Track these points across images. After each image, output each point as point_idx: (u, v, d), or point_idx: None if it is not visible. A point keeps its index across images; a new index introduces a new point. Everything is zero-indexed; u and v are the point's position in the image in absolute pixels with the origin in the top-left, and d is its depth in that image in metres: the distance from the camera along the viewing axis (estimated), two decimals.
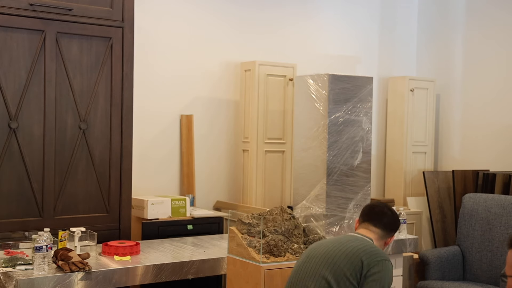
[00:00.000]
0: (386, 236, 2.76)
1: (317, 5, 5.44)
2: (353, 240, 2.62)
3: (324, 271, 2.53)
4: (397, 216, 2.82)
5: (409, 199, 5.49)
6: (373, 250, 2.56)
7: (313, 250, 2.66)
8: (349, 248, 2.56)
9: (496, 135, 5.31)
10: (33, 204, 3.52)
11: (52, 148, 3.56)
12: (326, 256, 2.57)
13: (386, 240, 2.77)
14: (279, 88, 4.82)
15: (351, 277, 2.49)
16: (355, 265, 2.50)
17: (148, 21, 4.54)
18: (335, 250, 2.57)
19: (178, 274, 3.27)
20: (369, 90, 4.17)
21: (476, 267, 4.61)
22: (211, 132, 4.90)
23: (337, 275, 2.50)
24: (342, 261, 2.52)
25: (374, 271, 2.50)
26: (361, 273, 2.50)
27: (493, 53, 5.38)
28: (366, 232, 2.73)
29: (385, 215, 2.76)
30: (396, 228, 2.81)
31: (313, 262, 2.59)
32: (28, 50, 3.48)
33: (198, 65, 4.82)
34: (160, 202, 4.11)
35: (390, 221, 2.76)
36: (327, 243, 2.66)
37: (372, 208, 2.81)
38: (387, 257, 2.57)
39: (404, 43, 6.00)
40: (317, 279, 2.53)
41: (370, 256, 2.52)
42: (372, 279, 2.49)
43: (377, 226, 2.73)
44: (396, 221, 2.80)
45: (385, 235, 2.75)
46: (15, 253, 3.15)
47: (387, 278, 2.52)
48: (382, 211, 2.77)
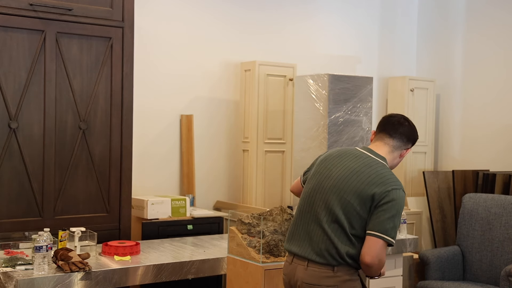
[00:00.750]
0: (402, 147, 2.65)
1: (317, 5, 5.44)
2: (367, 168, 2.51)
3: (335, 205, 2.47)
4: (414, 128, 2.71)
5: (409, 199, 5.49)
6: (386, 178, 2.47)
7: (324, 176, 2.57)
8: (360, 180, 2.47)
9: (496, 135, 5.31)
10: (33, 204, 3.52)
11: (52, 148, 3.56)
12: (337, 187, 2.49)
13: (402, 152, 2.66)
14: (279, 88, 4.82)
15: (362, 211, 2.44)
16: (365, 200, 2.43)
17: (148, 21, 4.54)
18: (345, 183, 2.48)
19: (178, 274, 3.27)
20: (369, 90, 4.18)
21: (476, 267, 4.61)
22: (211, 132, 4.90)
23: (348, 211, 2.45)
24: (351, 196, 2.45)
25: (385, 201, 2.42)
26: (371, 205, 2.43)
27: (493, 53, 5.38)
28: (380, 146, 2.64)
29: (401, 125, 2.66)
30: (413, 139, 2.69)
31: (324, 192, 2.52)
32: (28, 50, 3.48)
33: (198, 65, 4.82)
34: (160, 202, 4.11)
35: (406, 131, 2.65)
36: (339, 169, 2.55)
37: (388, 119, 2.71)
38: (398, 185, 2.48)
39: (404, 43, 6.00)
40: (328, 211, 2.48)
41: (382, 186, 2.44)
42: (382, 209, 2.41)
43: (393, 137, 2.64)
44: (413, 132, 2.69)
45: (400, 145, 2.65)
46: (15, 253, 3.14)
47: (397, 207, 2.43)
48: (399, 121, 2.68)
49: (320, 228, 2.48)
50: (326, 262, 2.45)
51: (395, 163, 2.68)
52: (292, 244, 2.57)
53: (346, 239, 2.44)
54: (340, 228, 2.44)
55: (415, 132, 2.71)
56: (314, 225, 2.50)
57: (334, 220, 2.46)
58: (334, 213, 2.46)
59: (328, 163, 2.61)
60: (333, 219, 2.46)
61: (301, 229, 2.55)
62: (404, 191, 2.49)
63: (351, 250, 2.44)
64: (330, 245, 2.44)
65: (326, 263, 2.45)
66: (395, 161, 2.67)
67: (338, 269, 2.44)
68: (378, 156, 2.59)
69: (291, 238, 2.60)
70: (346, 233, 2.44)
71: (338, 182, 2.50)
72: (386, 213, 2.40)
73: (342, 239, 2.44)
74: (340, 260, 2.44)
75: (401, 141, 2.65)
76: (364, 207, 2.43)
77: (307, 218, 2.55)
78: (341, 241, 2.44)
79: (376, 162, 2.55)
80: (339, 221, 2.44)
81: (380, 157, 2.59)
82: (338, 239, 2.44)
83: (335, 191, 2.49)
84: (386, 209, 2.41)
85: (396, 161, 2.67)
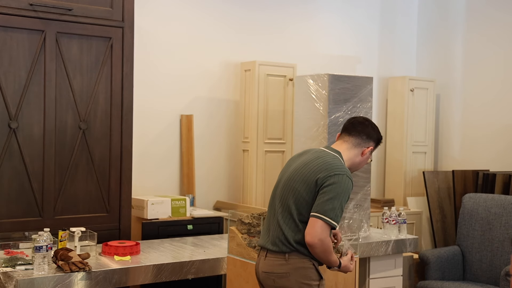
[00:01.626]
0: (362, 145, 2.72)
1: (317, 5, 5.44)
2: (316, 158, 2.61)
3: (288, 196, 2.59)
4: (375, 128, 2.78)
5: (409, 199, 5.49)
6: (330, 165, 2.56)
7: (283, 173, 2.71)
8: (309, 169, 2.58)
9: (496, 135, 5.31)
10: (33, 204, 3.52)
11: (52, 148, 3.56)
12: (290, 179, 2.62)
13: (363, 149, 2.73)
14: (279, 88, 4.82)
15: (307, 196, 2.53)
16: (311, 185, 2.53)
17: (148, 21, 4.54)
18: (297, 173, 2.60)
19: (178, 274, 3.27)
20: (369, 90, 4.17)
21: (476, 267, 4.61)
22: (211, 132, 4.90)
23: (297, 199, 2.56)
24: (300, 184, 2.56)
25: (326, 184, 2.50)
26: (315, 190, 2.53)
27: (493, 54, 5.38)
28: (338, 144, 2.74)
29: (360, 123, 2.75)
30: (374, 138, 2.76)
31: (281, 187, 2.65)
32: (28, 50, 3.48)
33: (198, 65, 4.82)
34: (160, 202, 4.11)
35: (365, 129, 2.74)
36: (295, 164, 2.68)
37: (350, 120, 2.81)
38: (345, 172, 2.56)
39: (404, 43, 6.00)
40: (282, 203, 2.61)
41: (325, 171, 2.53)
42: (323, 192, 2.50)
43: (351, 134, 2.73)
44: (373, 130, 2.76)
45: (360, 142, 2.72)
46: (15, 253, 3.14)
47: (338, 189, 2.50)
48: (358, 120, 2.77)
49: (275, 219, 2.61)
50: (279, 250, 2.56)
51: (358, 161, 2.74)
52: (260, 239, 2.72)
53: (294, 226, 2.55)
54: (289, 215, 2.56)
55: (375, 131, 2.77)
56: (272, 218, 2.65)
57: (286, 209, 2.58)
58: (286, 203, 2.59)
59: (290, 162, 2.76)
60: (285, 209, 2.59)
61: (267, 224, 2.70)
62: (350, 178, 2.56)
63: (298, 237, 2.53)
64: (280, 233, 2.57)
65: (278, 251, 2.56)
66: (357, 159, 2.73)
67: (290, 256, 2.55)
68: (333, 150, 2.69)
69: (261, 234, 2.75)
70: (294, 220, 2.55)
71: (291, 175, 2.63)
72: (326, 195, 2.49)
73: (290, 225, 2.55)
74: (290, 247, 2.54)
75: (360, 138, 2.73)
76: (310, 193, 2.53)
77: (270, 213, 2.69)
78: (290, 227, 2.55)
79: (327, 154, 2.65)
80: (290, 210, 2.56)
81: (335, 151, 2.68)
82: (287, 226, 2.56)
83: (288, 183, 2.61)
84: (326, 192, 2.49)
85: (358, 159, 2.73)
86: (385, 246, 3.98)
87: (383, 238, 4.03)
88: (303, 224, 2.53)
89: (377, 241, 3.96)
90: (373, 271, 4.01)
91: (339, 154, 2.67)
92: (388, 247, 3.98)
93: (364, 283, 4.00)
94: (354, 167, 2.76)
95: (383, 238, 4.03)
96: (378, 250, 3.95)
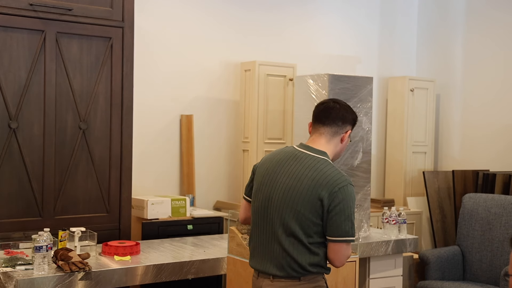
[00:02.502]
0: (339, 132, 2.54)
1: (317, 6, 5.44)
2: (307, 169, 2.41)
3: (289, 218, 2.39)
4: (348, 108, 2.59)
5: (409, 199, 5.49)
6: (330, 178, 2.37)
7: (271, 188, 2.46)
8: (306, 186, 2.38)
9: (496, 135, 5.31)
10: (33, 204, 3.52)
11: (52, 148, 3.56)
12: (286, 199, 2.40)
13: (342, 135, 2.55)
14: (279, 88, 4.82)
15: (314, 217, 2.37)
16: (316, 206, 2.36)
17: (148, 21, 4.54)
18: (293, 192, 2.39)
19: (178, 274, 3.27)
20: (369, 90, 4.17)
21: (476, 267, 4.61)
22: (211, 132, 4.89)
23: (302, 222, 2.38)
24: (302, 206, 2.37)
25: (335, 204, 2.35)
26: (322, 210, 2.36)
27: (493, 54, 5.38)
28: (316, 139, 2.53)
29: (332, 109, 2.54)
30: (350, 120, 2.57)
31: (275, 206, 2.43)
32: (28, 50, 3.48)
33: (198, 65, 4.82)
34: (160, 202, 4.11)
35: (339, 114, 2.53)
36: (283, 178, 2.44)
37: (319, 107, 2.59)
38: (343, 180, 2.39)
39: (404, 43, 6.00)
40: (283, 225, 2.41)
41: (327, 188, 2.36)
42: (335, 213, 2.35)
43: (326, 124, 2.53)
44: (347, 112, 2.56)
45: (337, 130, 2.54)
46: (15, 253, 3.14)
47: (349, 204, 2.37)
48: (329, 106, 2.56)
49: (278, 244, 2.42)
50: (289, 275, 2.41)
51: (339, 150, 2.58)
52: (256, 262, 2.52)
53: (305, 251, 2.39)
54: (296, 239, 2.39)
55: (349, 112, 2.58)
56: (273, 242, 2.44)
57: (290, 233, 2.39)
58: (289, 226, 2.39)
59: (271, 171, 2.50)
60: (288, 232, 2.40)
61: (261, 246, 2.49)
62: (351, 184, 2.41)
63: (313, 260, 2.40)
64: (291, 261, 2.39)
65: (289, 276, 2.41)
66: (337, 148, 2.57)
67: (304, 279, 2.41)
68: (317, 151, 2.48)
69: (253, 255, 2.54)
70: (303, 244, 2.38)
71: (285, 193, 2.42)
72: (340, 216, 2.36)
73: (300, 250, 2.39)
74: (303, 272, 2.40)
75: (336, 126, 2.54)
76: (316, 213, 2.37)
77: (265, 235, 2.47)
78: (301, 253, 2.39)
79: (317, 160, 2.44)
80: (295, 234, 2.38)
81: (319, 152, 2.48)
82: (298, 252, 2.39)
83: (286, 204, 2.41)
84: (339, 212, 2.36)
85: (338, 148, 2.57)
86: (385, 246, 3.98)
87: (383, 238, 4.03)
88: (316, 246, 2.40)
89: (377, 241, 3.96)
90: (373, 271, 4.01)
91: (324, 154, 2.48)
92: (388, 247, 3.98)
93: (364, 283, 4.00)
94: (337, 156, 2.60)
95: (383, 238, 4.03)
96: (378, 250, 3.95)
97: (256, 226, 2.53)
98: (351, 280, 3.45)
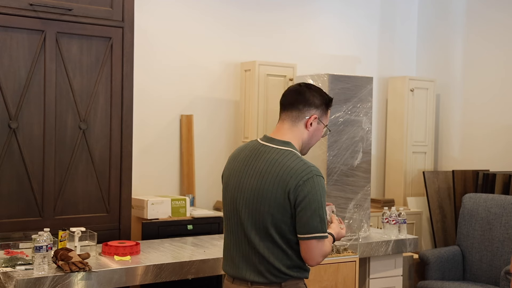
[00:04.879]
0: (301, 116, 2.33)
1: (318, 6, 5.44)
2: (272, 166, 2.24)
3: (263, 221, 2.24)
4: (315, 90, 2.36)
5: (409, 199, 5.49)
6: (293, 171, 2.20)
7: (238, 190, 2.32)
8: (270, 183, 2.22)
9: (496, 135, 5.31)
10: (33, 204, 3.52)
11: (52, 148, 3.56)
12: (254, 201, 2.26)
13: (305, 120, 2.33)
14: (279, 88, 4.82)
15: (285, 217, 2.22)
16: (284, 204, 2.21)
17: (148, 21, 4.54)
18: (262, 194, 2.24)
19: (178, 274, 3.27)
20: (369, 90, 4.17)
21: (476, 267, 4.61)
22: (211, 132, 4.89)
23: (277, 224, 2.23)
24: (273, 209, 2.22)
25: (300, 198, 2.18)
26: (290, 207, 2.21)
27: (493, 54, 5.38)
28: (279, 128, 2.35)
29: (294, 92, 2.35)
30: (316, 102, 2.34)
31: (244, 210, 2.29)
32: (28, 50, 3.48)
33: (198, 65, 4.82)
34: (160, 202, 4.11)
35: (299, 97, 2.33)
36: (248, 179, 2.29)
37: (283, 93, 2.41)
38: (308, 172, 2.21)
39: (404, 43, 6.01)
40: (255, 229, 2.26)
41: (292, 183, 2.19)
42: (301, 208, 2.19)
43: (287, 108, 2.34)
44: (312, 94, 2.34)
45: (298, 115, 2.33)
46: (15, 253, 3.14)
47: (317, 196, 2.20)
48: (291, 89, 2.38)
49: (252, 249, 2.29)
50: (269, 281, 2.28)
51: (306, 138, 2.37)
52: (230, 267, 2.38)
53: (282, 254, 2.26)
54: (272, 243, 2.25)
55: (316, 96, 2.35)
56: (247, 247, 2.31)
57: (264, 236, 2.26)
58: (261, 229, 2.26)
59: (236, 172, 2.35)
60: (262, 236, 2.26)
61: (235, 251, 2.36)
62: (319, 174, 2.23)
63: (291, 262, 2.28)
64: (269, 266, 2.27)
65: (269, 282, 2.28)
66: (305, 136, 2.36)
67: (286, 285, 2.29)
68: (280, 143, 2.30)
69: (227, 259, 2.41)
70: (279, 246, 2.26)
71: (252, 195, 2.27)
72: (307, 211, 2.19)
73: (278, 254, 2.26)
74: (284, 276, 2.28)
75: (297, 110, 2.33)
76: (285, 211, 2.22)
77: (238, 240, 2.34)
78: (277, 257, 2.26)
79: (280, 153, 2.27)
80: (269, 237, 2.25)
81: (283, 143, 2.30)
82: (273, 255, 2.26)
83: (253, 206, 2.27)
84: (306, 207, 2.19)
85: (306, 135, 2.35)
86: (385, 246, 3.98)
87: (383, 238, 4.03)
88: (291, 248, 2.27)
89: (377, 241, 3.96)
90: (373, 271, 4.01)
91: (288, 144, 2.29)
92: (388, 247, 3.98)
93: (364, 283, 4.00)
94: (306, 145, 2.38)
95: (383, 238, 4.03)
96: (378, 250, 3.95)
97: (228, 231, 2.40)
98: (351, 280, 3.46)
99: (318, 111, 2.35)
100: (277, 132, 2.36)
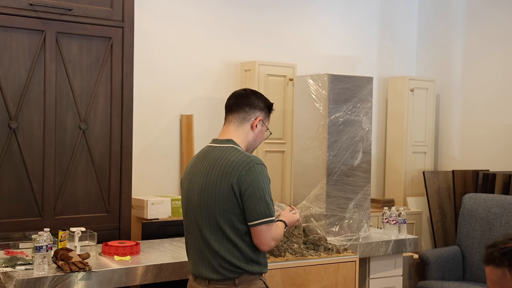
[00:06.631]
0: (247, 118, 2.49)
1: (318, 6, 5.44)
2: (215, 163, 2.39)
3: (212, 217, 2.37)
4: (259, 95, 2.54)
5: (409, 199, 5.49)
6: (235, 164, 2.34)
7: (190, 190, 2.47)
8: (215, 179, 2.35)
9: (496, 135, 5.31)
10: (33, 204, 3.52)
11: (52, 148, 3.56)
12: (203, 198, 2.39)
13: (251, 122, 2.50)
14: (279, 88, 4.82)
15: (233, 208, 2.33)
16: (230, 196, 2.33)
17: (148, 21, 4.54)
18: (207, 189, 2.37)
19: (178, 274, 3.27)
20: (369, 90, 4.17)
21: (476, 267, 4.61)
22: (211, 132, 4.89)
23: (226, 217, 2.34)
24: (218, 200, 2.34)
25: (246, 186, 2.30)
26: (236, 198, 2.33)
27: (493, 54, 5.39)
28: (224, 130, 2.51)
29: (240, 96, 2.52)
30: (260, 105, 2.52)
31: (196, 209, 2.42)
32: (28, 50, 3.48)
33: (198, 65, 4.82)
34: (160, 202, 4.11)
35: (245, 100, 2.49)
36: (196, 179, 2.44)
37: (229, 96, 2.57)
38: (251, 160, 2.35)
39: (404, 43, 6.01)
40: (211, 226, 2.38)
41: (235, 174, 2.32)
42: (247, 197, 2.31)
43: (232, 111, 2.50)
44: (257, 98, 2.51)
45: (245, 116, 2.49)
46: (15, 253, 3.14)
47: (260, 183, 2.33)
48: (237, 94, 2.54)
49: (206, 245, 2.39)
50: (224, 277, 2.36)
51: (251, 139, 2.52)
52: (191, 266, 2.52)
53: (232, 247, 2.35)
54: (223, 237, 2.36)
55: (259, 99, 2.53)
56: (201, 244, 2.42)
57: (216, 231, 2.36)
58: (213, 224, 2.37)
59: (190, 175, 2.51)
60: (214, 231, 2.37)
61: (193, 249, 2.48)
62: (260, 163, 2.36)
63: (242, 255, 2.36)
64: (220, 260, 2.36)
65: (225, 278, 2.36)
66: (250, 137, 2.51)
67: (240, 281, 2.37)
68: (223, 141, 2.47)
69: (189, 259, 2.55)
70: (230, 240, 2.35)
71: (201, 193, 2.40)
72: (253, 199, 2.31)
73: (229, 248, 2.35)
74: (238, 270, 2.36)
75: (243, 112, 2.49)
76: (233, 203, 2.33)
77: (195, 238, 2.46)
78: (229, 251, 2.35)
79: (222, 150, 2.43)
80: (221, 230, 2.36)
81: (225, 141, 2.47)
82: (226, 249, 2.35)
83: (204, 203, 2.39)
84: (251, 195, 2.31)
85: (251, 136, 2.51)
86: (385, 246, 3.98)
87: (383, 238, 4.03)
88: (242, 239, 2.36)
89: (377, 241, 3.96)
90: (373, 271, 4.01)
91: (230, 142, 2.45)
92: (388, 247, 3.99)
93: (364, 283, 4.00)
94: (251, 146, 2.53)
95: (383, 238, 4.03)
96: (378, 250, 3.95)
97: (186, 232, 2.56)
98: (351, 280, 3.46)
99: (262, 114, 2.54)
100: (222, 134, 2.53)
